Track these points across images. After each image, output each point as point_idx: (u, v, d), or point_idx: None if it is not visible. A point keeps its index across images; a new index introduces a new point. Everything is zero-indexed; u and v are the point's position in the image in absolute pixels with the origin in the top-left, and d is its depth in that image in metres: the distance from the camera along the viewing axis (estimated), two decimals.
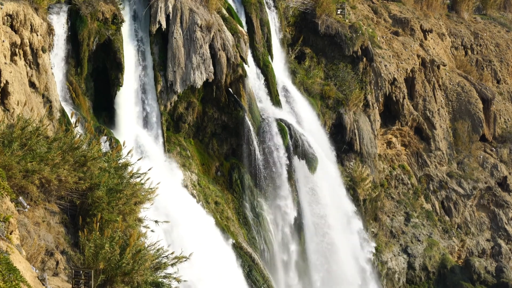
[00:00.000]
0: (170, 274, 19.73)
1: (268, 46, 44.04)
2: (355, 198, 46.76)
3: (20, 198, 18.00)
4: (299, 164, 41.65)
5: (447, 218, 54.13)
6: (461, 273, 51.42)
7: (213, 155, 40.19)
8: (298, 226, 42.23)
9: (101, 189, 20.08)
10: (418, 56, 55.34)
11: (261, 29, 43.59)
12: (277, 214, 41.19)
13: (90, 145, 21.37)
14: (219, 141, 40.23)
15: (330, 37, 48.48)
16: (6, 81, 26.01)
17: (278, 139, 40.54)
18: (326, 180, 43.81)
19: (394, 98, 52.55)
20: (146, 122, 36.91)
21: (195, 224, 34.55)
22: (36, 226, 19.10)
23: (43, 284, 15.99)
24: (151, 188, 21.91)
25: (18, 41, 28.22)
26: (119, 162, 22.16)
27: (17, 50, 28.31)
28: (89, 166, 20.55)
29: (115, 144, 30.83)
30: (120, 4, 36.02)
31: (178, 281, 19.91)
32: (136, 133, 35.91)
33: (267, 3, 45.67)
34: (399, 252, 50.08)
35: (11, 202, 16.79)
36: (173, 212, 32.02)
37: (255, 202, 40.10)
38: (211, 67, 37.92)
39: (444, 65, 58.52)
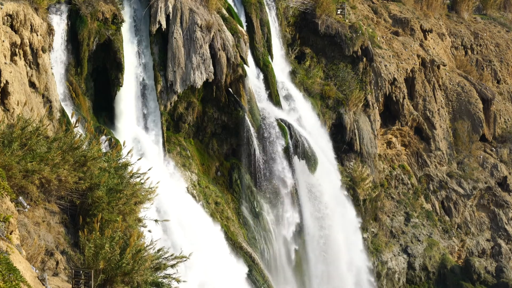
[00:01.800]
0: (169, 274, 19.73)
1: (268, 46, 44.03)
2: (355, 198, 46.76)
3: (20, 198, 17.99)
4: (299, 164, 41.65)
5: (447, 218, 54.13)
6: (461, 273, 51.42)
7: (213, 155, 40.19)
8: (298, 226, 42.24)
9: (101, 189, 20.08)
10: (418, 56, 55.34)
11: (261, 29, 43.59)
12: (277, 214, 41.19)
13: (90, 145, 21.37)
14: (219, 141, 40.23)
15: (330, 37, 48.46)
16: (6, 81, 26.02)
17: (278, 139, 40.54)
18: (326, 180, 43.80)
19: (394, 98, 52.55)
20: (146, 122, 36.92)
21: (194, 224, 34.56)
22: (36, 226, 19.10)
23: (43, 284, 15.99)
24: (151, 188, 21.91)
25: (18, 41, 28.22)
26: (119, 162, 22.16)
27: (17, 50, 28.32)
28: (89, 166, 20.55)
29: (115, 144, 30.83)
30: (120, 4, 36.02)
31: (178, 281, 19.91)
32: (136, 133, 35.92)
33: (267, 3, 45.66)
34: (399, 252, 50.09)
35: (11, 202, 16.78)
36: (173, 212, 32.03)
37: (255, 202, 40.11)
38: (211, 67, 37.93)
39: (444, 65, 58.51)
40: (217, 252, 34.93)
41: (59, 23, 32.96)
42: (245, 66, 39.76)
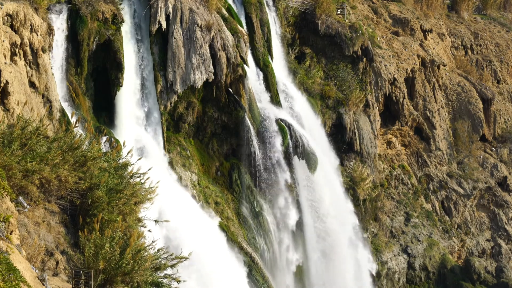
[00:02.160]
0: (169, 274, 19.73)
1: (268, 46, 44.03)
2: (355, 198, 46.75)
3: (20, 198, 17.99)
4: (299, 164, 41.64)
5: (447, 218, 54.13)
6: (461, 273, 51.42)
7: (213, 155, 40.19)
8: (298, 226, 42.23)
9: (101, 189, 20.07)
10: (418, 56, 55.34)
11: (261, 29, 43.59)
12: (277, 214, 41.18)
13: (90, 145, 21.37)
14: (219, 141, 40.22)
15: (330, 37, 48.46)
16: (6, 81, 26.02)
17: (278, 139, 40.54)
18: (326, 180, 43.80)
19: (394, 98, 52.55)
20: (146, 122, 36.91)
21: (194, 224, 34.55)
22: (36, 226, 19.10)
23: (43, 284, 15.99)
24: (151, 187, 21.91)
25: (18, 41, 28.22)
26: (119, 162, 22.15)
27: (17, 50, 28.32)
28: (89, 166, 20.55)
29: (115, 144, 30.82)
30: (120, 4, 36.01)
31: (178, 281, 19.91)
32: (136, 133, 35.90)
33: (267, 3, 45.66)
34: (399, 252, 50.08)
35: (11, 202, 16.78)
36: (172, 212, 32.00)
37: (255, 202, 40.10)
38: (211, 67, 37.92)
39: (444, 65, 58.52)
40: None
41: (59, 23, 32.95)
42: (245, 66, 39.75)
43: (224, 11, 40.76)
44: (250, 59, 41.51)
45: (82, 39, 33.66)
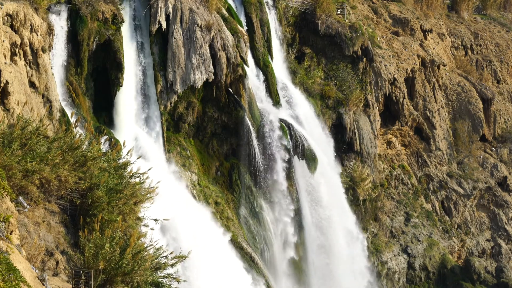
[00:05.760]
0: (170, 274, 19.74)
1: (268, 46, 44.04)
2: (355, 198, 46.76)
3: (20, 198, 17.99)
4: (299, 164, 41.66)
5: (447, 218, 54.12)
6: (461, 273, 51.41)
7: (213, 155, 40.19)
8: (298, 226, 42.24)
9: (101, 189, 20.07)
10: (418, 56, 55.33)
11: (261, 29, 43.59)
12: (276, 214, 41.19)
13: (90, 145, 21.37)
14: (219, 141, 40.23)
15: (330, 37, 48.47)
16: (6, 81, 26.03)
17: (278, 139, 40.54)
18: (326, 180, 43.81)
19: (394, 98, 52.54)
20: (146, 122, 36.92)
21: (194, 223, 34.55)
22: (36, 226, 19.10)
23: (43, 284, 15.99)
24: (150, 187, 21.91)
25: (18, 41, 28.23)
26: (119, 162, 22.15)
27: (17, 50, 28.33)
28: (89, 166, 20.55)
29: (115, 144, 30.82)
30: (120, 4, 36.03)
31: (178, 281, 19.91)
32: (136, 133, 35.92)
33: (267, 3, 45.67)
34: (399, 252, 50.08)
35: (11, 202, 16.78)
36: (173, 212, 31.99)
37: (254, 202, 40.10)
38: (211, 67, 37.93)
39: (444, 65, 58.51)
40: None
41: (59, 23, 32.97)
42: (245, 66, 39.76)
43: (224, 11, 40.77)
44: (250, 59, 41.53)
45: (82, 39, 33.68)
